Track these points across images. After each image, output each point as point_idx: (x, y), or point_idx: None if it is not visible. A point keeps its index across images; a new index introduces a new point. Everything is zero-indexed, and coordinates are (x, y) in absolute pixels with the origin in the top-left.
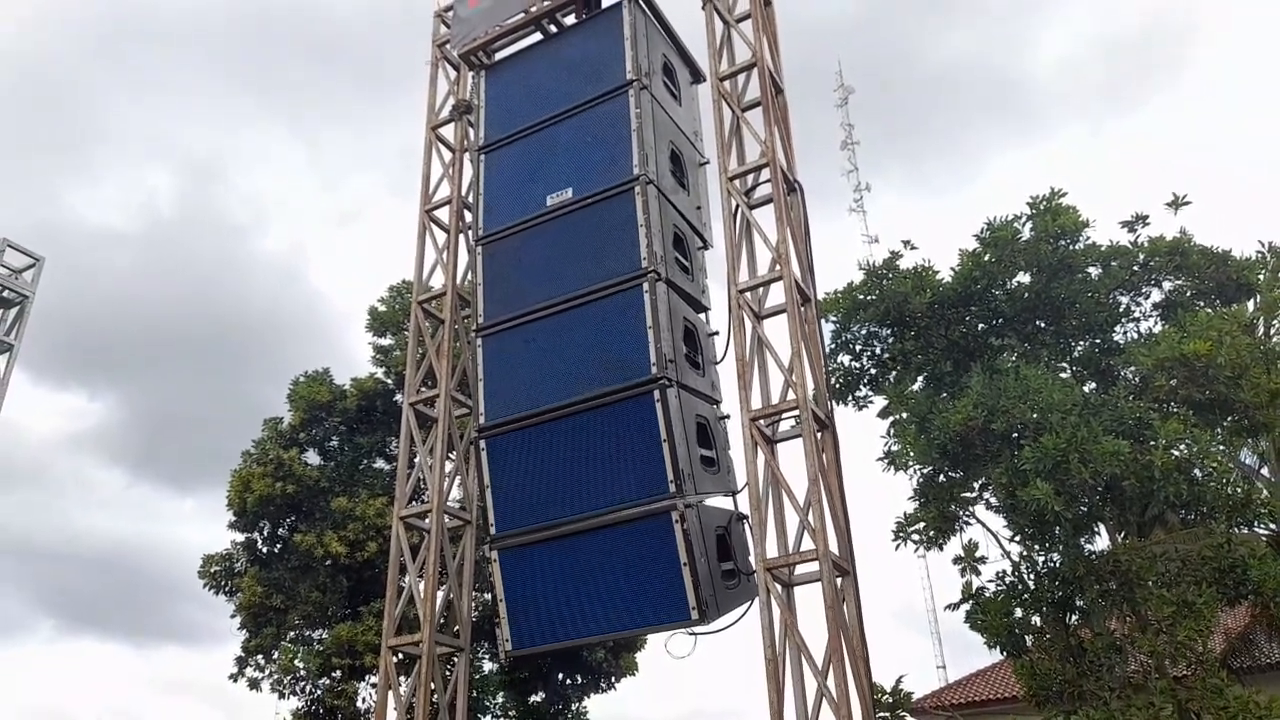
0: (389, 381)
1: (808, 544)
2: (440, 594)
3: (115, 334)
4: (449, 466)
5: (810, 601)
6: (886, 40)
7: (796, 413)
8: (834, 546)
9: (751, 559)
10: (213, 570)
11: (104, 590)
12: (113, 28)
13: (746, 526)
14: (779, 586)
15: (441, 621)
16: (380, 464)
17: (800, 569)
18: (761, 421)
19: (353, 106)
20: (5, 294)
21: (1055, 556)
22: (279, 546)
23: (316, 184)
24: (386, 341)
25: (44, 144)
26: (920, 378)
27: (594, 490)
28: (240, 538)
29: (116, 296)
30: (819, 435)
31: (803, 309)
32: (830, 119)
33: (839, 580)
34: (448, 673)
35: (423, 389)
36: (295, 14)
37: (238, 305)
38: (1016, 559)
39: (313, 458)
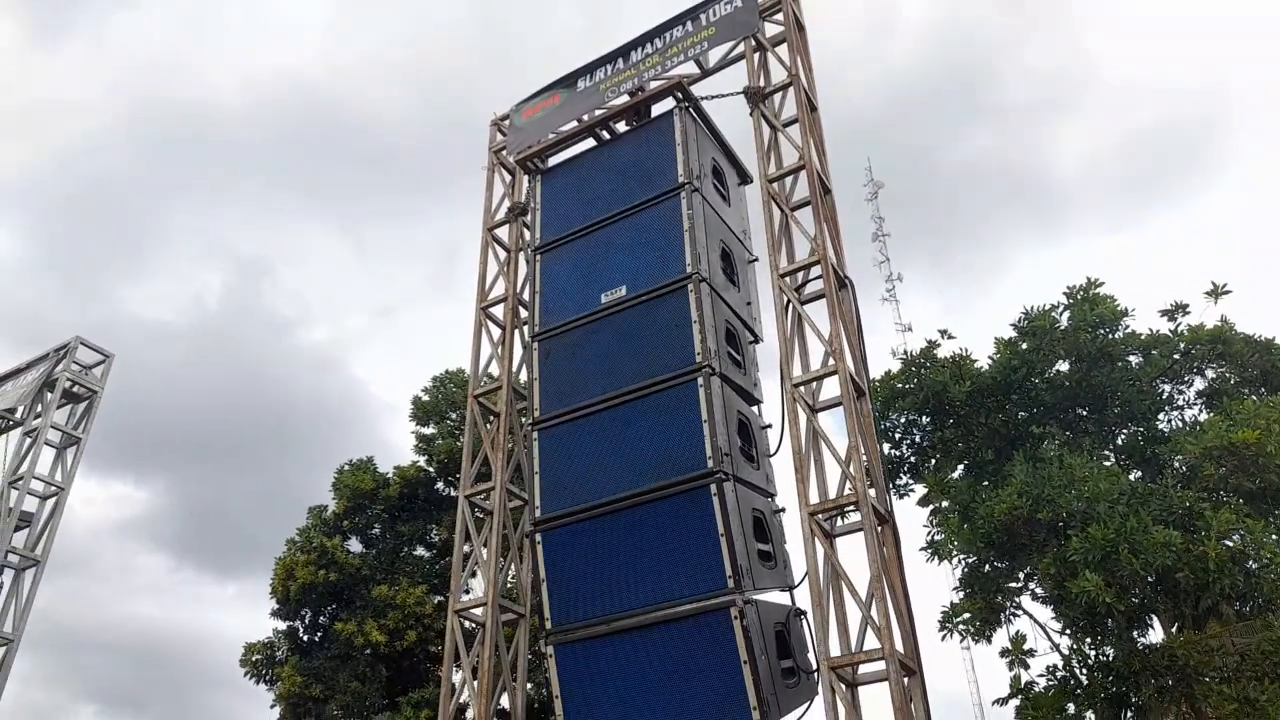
0: (431, 470)
1: (870, 641)
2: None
3: (163, 425)
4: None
5: (873, 700)
6: (911, 138)
7: (854, 505)
8: (899, 644)
9: (810, 656)
10: (254, 659)
11: (144, 677)
12: (168, 131)
13: (804, 622)
14: (843, 686)
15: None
16: (421, 552)
17: (864, 668)
18: (820, 516)
19: (398, 206)
20: (76, 389)
21: (1108, 650)
22: (319, 635)
23: (361, 280)
24: (429, 430)
25: (101, 243)
26: (961, 466)
27: (651, 585)
28: (282, 626)
29: (165, 389)
30: (879, 529)
31: (858, 402)
32: (859, 212)
33: (905, 680)
34: None
35: (476, 482)
36: (345, 118)
37: (281, 396)
38: (1067, 652)
39: (355, 545)
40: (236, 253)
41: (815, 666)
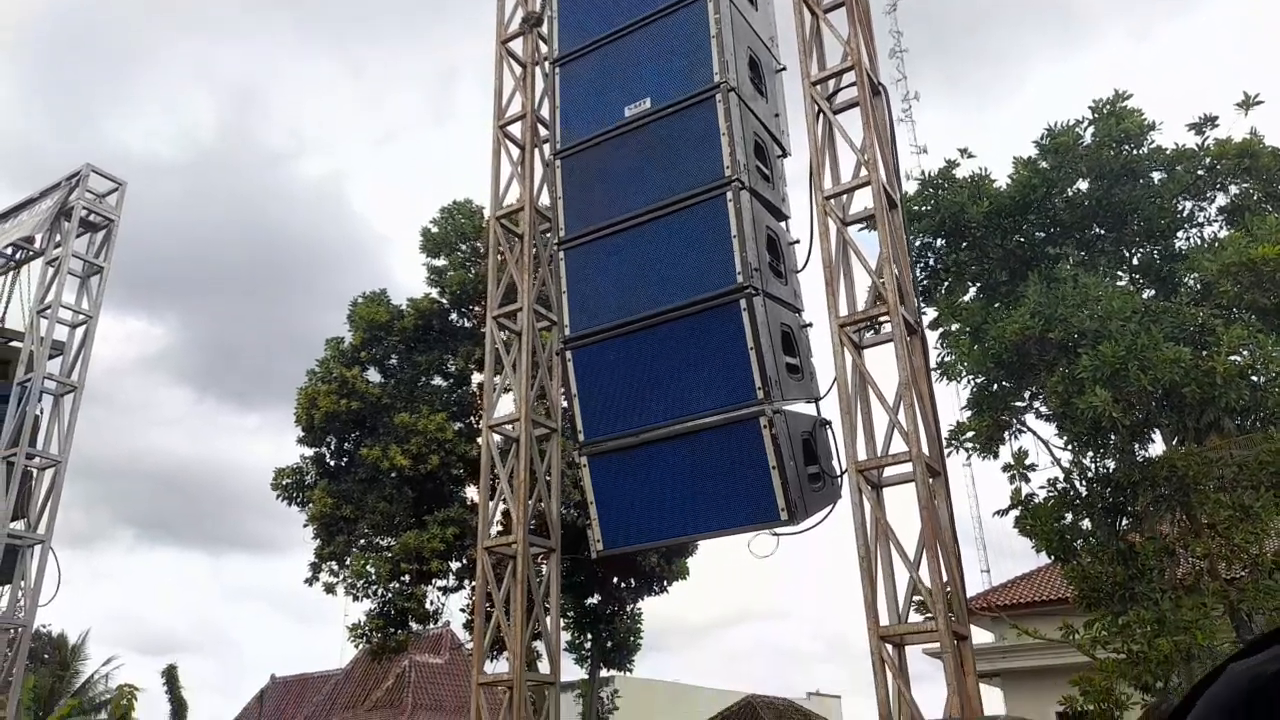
0: (444, 301)
1: (896, 446)
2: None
3: (168, 261)
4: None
5: (896, 502)
6: None
7: (884, 318)
8: (925, 448)
9: (835, 463)
10: (284, 483)
11: (176, 503)
12: None
13: (830, 432)
14: (869, 487)
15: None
16: (438, 381)
17: (890, 470)
18: (849, 328)
19: (393, 29)
20: (92, 218)
21: (1109, 463)
22: (345, 460)
23: (357, 106)
24: (440, 262)
25: (91, 79)
26: (973, 288)
27: (681, 398)
28: (309, 452)
29: (164, 225)
30: (909, 340)
31: (891, 214)
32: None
33: (930, 481)
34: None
35: (501, 304)
36: None
37: (282, 231)
38: (1068, 466)
39: (374, 375)
40: (229, 83)
41: (840, 471)
